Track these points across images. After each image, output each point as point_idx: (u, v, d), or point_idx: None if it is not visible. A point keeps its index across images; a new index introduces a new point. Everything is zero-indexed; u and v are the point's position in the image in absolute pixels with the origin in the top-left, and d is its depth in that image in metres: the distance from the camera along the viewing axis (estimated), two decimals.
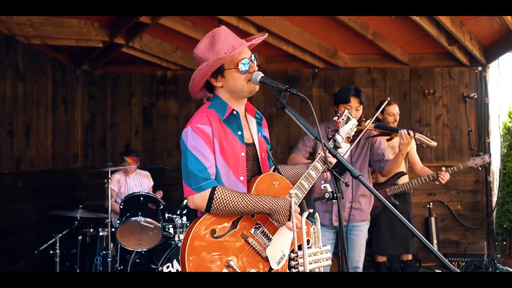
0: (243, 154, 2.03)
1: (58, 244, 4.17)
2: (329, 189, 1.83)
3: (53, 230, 4.53)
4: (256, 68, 2.04)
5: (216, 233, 1.88)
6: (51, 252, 4.18)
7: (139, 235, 4.20)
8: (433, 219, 5.96)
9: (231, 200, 1.88)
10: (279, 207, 1.93)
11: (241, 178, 2.01)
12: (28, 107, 4.82)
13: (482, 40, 5.62)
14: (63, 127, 5.62)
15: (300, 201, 2.01)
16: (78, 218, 4.39)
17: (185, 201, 4.42)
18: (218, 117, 2.01)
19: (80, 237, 4.44)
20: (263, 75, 2.00)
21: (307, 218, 1.87)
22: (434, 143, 3.27)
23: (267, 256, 1.98)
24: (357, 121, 3.14)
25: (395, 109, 4.63)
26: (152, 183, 5.21)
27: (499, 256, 5.95)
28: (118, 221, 4.24)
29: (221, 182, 1.97)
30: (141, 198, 4.19)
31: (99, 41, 5.12)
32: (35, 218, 4.83)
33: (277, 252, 2.01)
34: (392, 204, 4.52)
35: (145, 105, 6.23)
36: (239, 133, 2.05)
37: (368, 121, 3.27)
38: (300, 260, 1.79)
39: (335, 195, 1.76)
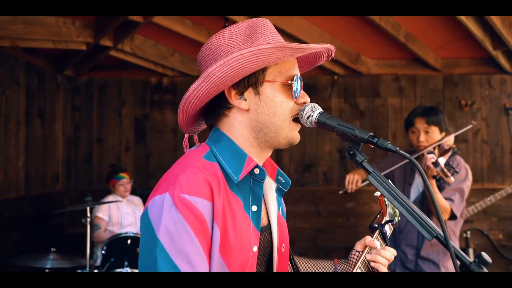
0: (255, 248, 1.14)
1: None
2: None
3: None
4: (308, 99, 1.21)
5: None
6: None
7: None
8: (471, 250, 5.25)
9: None
10: None
11: None
12: None
13: None
14: (40, 143, 4.96)
15: None
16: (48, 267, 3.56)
17: None
18: (223, 180, 1.12)
19: None
20: (322, 110, 1.17)
21: None
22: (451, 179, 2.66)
23: None
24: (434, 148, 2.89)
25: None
26: None
27: None
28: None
29: None
30: (129, 241, 3.37)
31: (82, 43, 4.44)
32: (1, 255, 4.06)
33: None
34: None
35: (137, 117, 5.70)
36: (254, 208, 1.16)
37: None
38: None
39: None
